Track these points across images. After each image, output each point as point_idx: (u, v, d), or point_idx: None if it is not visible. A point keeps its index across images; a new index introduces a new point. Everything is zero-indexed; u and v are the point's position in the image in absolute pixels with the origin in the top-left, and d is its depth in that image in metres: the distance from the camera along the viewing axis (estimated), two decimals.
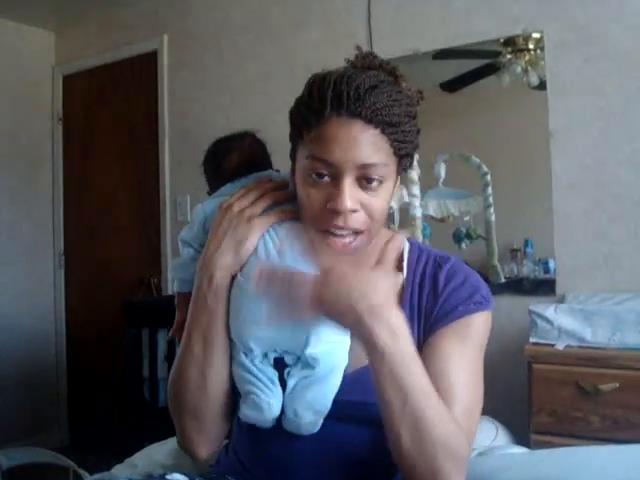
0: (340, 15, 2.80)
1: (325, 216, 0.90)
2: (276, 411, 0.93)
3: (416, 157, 1.01)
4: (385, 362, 0.83)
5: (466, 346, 0.96)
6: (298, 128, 0.94)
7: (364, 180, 0.89)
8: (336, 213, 0.89)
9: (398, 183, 0.99)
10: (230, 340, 0.96)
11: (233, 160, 1.13)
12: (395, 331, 0.83)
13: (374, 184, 0.90)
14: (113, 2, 3.41)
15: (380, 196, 0.92)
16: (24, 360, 3.58)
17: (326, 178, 0.89)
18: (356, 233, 0.92)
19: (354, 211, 0.89)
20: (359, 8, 2.73)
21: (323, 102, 0.88)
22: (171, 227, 3.32)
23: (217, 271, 0.95)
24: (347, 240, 0.91)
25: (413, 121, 0.93)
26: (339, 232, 0.91)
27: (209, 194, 1.15)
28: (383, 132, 0.88)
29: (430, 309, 0.99)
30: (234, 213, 0.97)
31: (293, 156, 0.98)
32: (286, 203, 1.00)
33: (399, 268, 1.03)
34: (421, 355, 0.96)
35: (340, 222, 0.89)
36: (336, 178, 0.89)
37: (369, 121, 0.87)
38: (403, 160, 0.95)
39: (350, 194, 0.88)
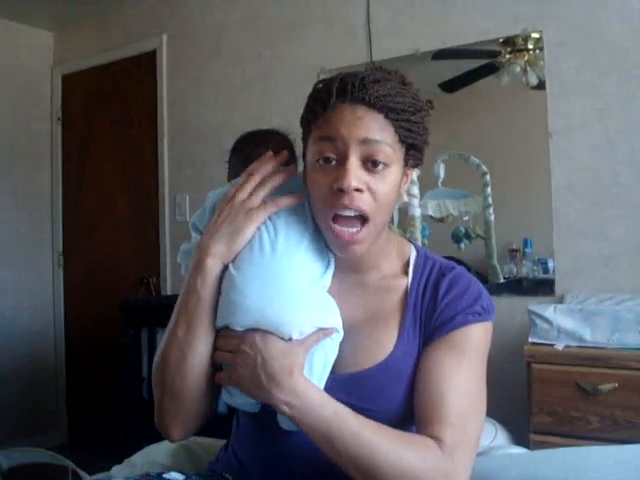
0: (339, 15, 2.80)
1: (332, 197, 0.91)
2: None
3: None
4: (300, 422, 0.87)
5: (463, 358, 0.95)
6: (307, 122, 0.96)
7: (369, 163, 0.91)
8: (342, 192, 0.90)
9: (408, 180, 1.00)
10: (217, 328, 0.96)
11: (268, 148, 1.11)
12: (296, 391, 0.87)
13: (379, 167, 0.91)
14: (112, 2, 3.42)
15: (386, 181, 0.93)
16: (23, 360, 3.58)
17: (333, 163, 0.92)
18: (363, 220, 0.92)
19: (359, 190, 0.90)
20: (358, 8, 2.73)
21: (329, 93, 0.92)
22: (170, 227, 3.32)
23: (208, 258, 0.95)
24: (354, 229, 0.92)
25: (419, 114, 0.95)
26: (346, 213, 0.91)
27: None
28: (387, 117, 0.91)
29: (429, 316, 0.98)
30: (235, 203, 0.98)
31: (304, 155, 0.99)
32: (288, 184, 1.00)
33: (405, 273, 1.03)
34: (419, 363, 0.96)
35: (346, 200, 0.90)
36: (342, 160, 0.91)
37: (372, 106, 0.90)
38: (410, 152, 0.96)
39: (355, 173, 0.90)
